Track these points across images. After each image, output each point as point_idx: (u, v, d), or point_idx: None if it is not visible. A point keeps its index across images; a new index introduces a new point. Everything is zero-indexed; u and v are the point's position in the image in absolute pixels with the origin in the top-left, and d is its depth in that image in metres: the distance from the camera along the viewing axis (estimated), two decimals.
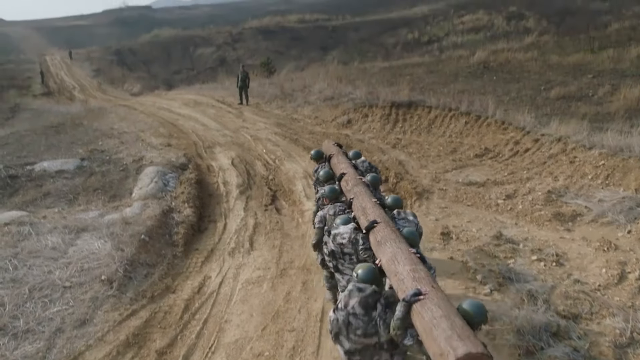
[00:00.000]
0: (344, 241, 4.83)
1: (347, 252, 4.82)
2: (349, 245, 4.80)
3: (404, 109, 14.70)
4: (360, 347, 3.76)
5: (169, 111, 18.30)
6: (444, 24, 56.67)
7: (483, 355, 2.82)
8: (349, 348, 3.80)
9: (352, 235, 4.81)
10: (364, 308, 3.70)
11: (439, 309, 3.16)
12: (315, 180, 7.22)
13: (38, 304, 5.77)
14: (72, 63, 46.86)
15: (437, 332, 3.00)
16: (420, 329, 3.25)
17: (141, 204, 8.42)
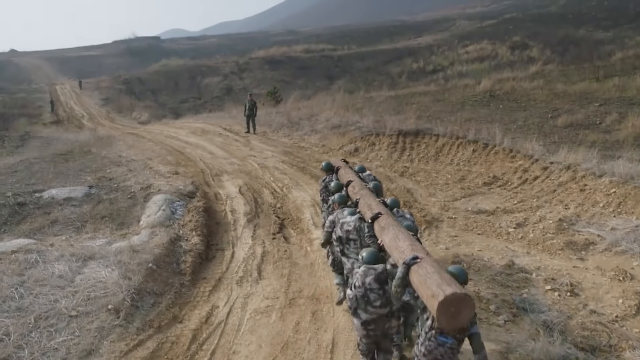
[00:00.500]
0: (349, 228, 5.82)
1: (352, 239, 5.81)
2: (354, 232, 5.78)
3: (411, 137, 14.74)
4: (375, 317, 4.58)
5: (176, 139, 18.42)
6: (448, 54, 57.38)
7: (466, 296, 3.60)
8: (366, 319, 4.61)
9: (357, 224, 5.80)
10: (378, 283, 4.51)
11: (432, 268, 3.98)
12: (324, 190, 8.05)
13: (43, 334, 5.67)
14: (81, 92, 47.57)
15: (430, 282, 3.78)
16: (416, 282, 4.01)
17: (149, 232, 8.37)
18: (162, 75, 54.42)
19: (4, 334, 5.62)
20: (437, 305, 3.57)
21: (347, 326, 6.03)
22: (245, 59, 57.84)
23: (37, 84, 59.55)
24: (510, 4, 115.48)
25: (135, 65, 74.88)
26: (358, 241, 5.72)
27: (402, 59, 61.75)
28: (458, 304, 3.57)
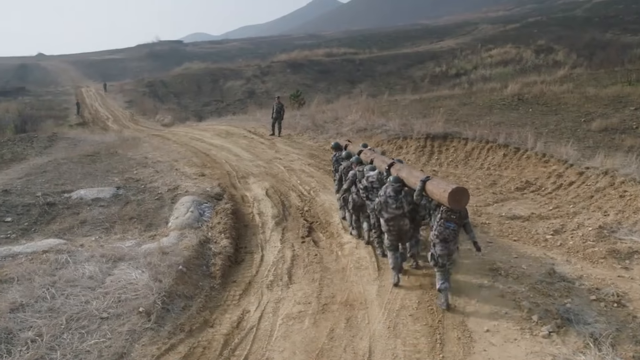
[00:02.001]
0: (373, 180, 7.81)
1: (375, 187, 7.68)
2: (377, 182, 7.74)
3: (439, 141, 14.48)
4: (393, 215, 6.93)
5: (201, 141, 18.43)
6: (471, 58, 56.80)
7: (464, 188, 6.17)
8: (387, 217, 6.98)
9: (378, 176, 7.83)
10: (395, 193, 6.95)
11: (439, 179, 6.64)
12: (335, 163, 9.96)
13: (75, 336, 5.59)
14: (106, 95, 48.29)
15: (440, 185, 6.32)
16: (430, 189, 6.49)
17: (178, 233, 8.29)
18: (184, 78, 54.94)
19: (37, 334, 5.56)
20: (448, 194, 6.06)
21: (384, 334, 5.83)
22: (268, 63, 58.11)
23: (63, 86, 60.68)
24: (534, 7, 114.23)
25: (158, 68, 75.86)
26: (379, 189, 7.41)
27: (424, 62, 61.44)
28: (460, 193, 6.13)
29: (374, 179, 7.78)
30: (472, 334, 5.75)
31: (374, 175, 7.84)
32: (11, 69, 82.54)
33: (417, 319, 6.12)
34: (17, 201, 10.60)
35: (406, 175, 7.23)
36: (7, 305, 6.10)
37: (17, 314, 5.96)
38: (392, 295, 6.75)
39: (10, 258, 7.49)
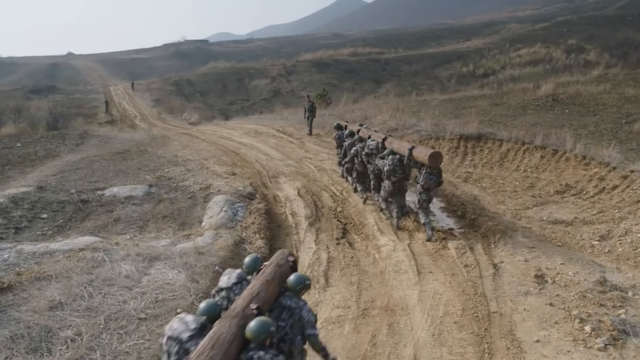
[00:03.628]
0: (373, 147, 10.01)
1: (374, 153, 9.91)
2: (375, 149, 9.92)
3: (472, 142, 14.14)
4: (398, 179, 9.06)
5: (230, 140, 18.39)
6: (499, 57, 55.78)
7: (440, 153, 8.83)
8: (394, 180, 9.07)
9: (376, 145, 9.98)
10: (399, 162, 8.99)
11: (421, 147, 9.36)
12: (337, 139, 12.40)
13: (114, 336, 5.51)
14: (133, 93, 48.79)
15: (423, 151, 8.78)
16: (415, 154, 8.79)
17: (213, 233, 8.19)
18: (210, 77, 55.17)
19: (76, 334, 5.50)
20: (428, 156, 8.45)
21: (428, 342, 5.61)
22: (293, 62, 57.99)
23: (92, 85, 61.63)
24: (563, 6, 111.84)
25: (184, 67, 76.47)
26: (377, 154, 9.77)
27: (450, 62, 60.58)
28: (436, 155, 8.58)
29: (373, 147, 10.06)
30: (522, 344, 5.50)
31: (373, 144, 10.12)
32: (42, 68, 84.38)
33: (463, 327, 5.88)
34: (52, 198, 10.67)
35: (397, 146, 9.58)
36: (46, 303, 6.08)
37: (56, 312, 5.93)
38: (434, 301, 6.53)
39: (47, 255, 7.50)
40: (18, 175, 13.08)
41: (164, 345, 3.60)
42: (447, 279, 7.08)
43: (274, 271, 4.18)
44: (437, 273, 7.33)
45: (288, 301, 4.07)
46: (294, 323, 3.98)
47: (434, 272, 7.38)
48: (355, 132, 11.45)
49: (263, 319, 3.50)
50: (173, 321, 3.68)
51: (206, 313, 3.74)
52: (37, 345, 5.36)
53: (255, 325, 3.43)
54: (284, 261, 4.41)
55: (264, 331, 3.43)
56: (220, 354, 3.12)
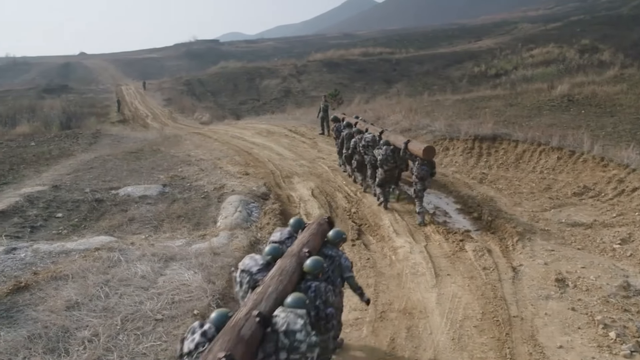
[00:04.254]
0: (369, 139, 10.65)
1: (370, 145, 10.58)
2: (371, 142, 10.57)
3: (487, 143, 13.98)
4: (390, 167, 9.94)
5: (242, 140, 18.37)
6: (512, 57, 55.34)
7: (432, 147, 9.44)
8: (386, 168, 9.94)
9: (372, 138, 10.62)
10: (392, 152, 9.78)
11: (416, 142, 9.97)
12: (336, 131, 13.42)
13: (131, 337, 5.48)
14: (145, 93, 49.00)
15: (418, 145, 9.49)
16: (410, 147, 9.48)
17: (228, 234, 8.14)
18: (221, 77, 55.29)
19: (93, 334, 5.48)
20: (423, 149, 9.11)
21: (449, 346, 5.52)
22: (303, 62, 57.97)
23: (104, 84, 62.01)
24: (576, 6, 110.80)
25: (195, 67, 76.77)
26: (373, 146, 10.49)
27: (462, 62, 60.20)
28: (429, 149, 9.21)
29: (370, 140, 10.66)
30: (544, 350, 5.38)
31: (369, 137, 10.75)
32: (55, 67, 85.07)
33: (483, 331, 5.78)
34: (67, 197, 10.70)
35: (393, 139, 10.16)
36: (63, 302, 6.07)
37: (72, 312, 5.92)
38: (452, 304, 6.43)
39: (63, 255, 7.50)
40: (33, 174, 13.14)
41: (237, 277, 4.63)
42: (465, 282, 6.97)
43: (317, 228, 5.21)
44: (455, 276, 7.22)
45: (329, 251, 5.01)
46: (334, 268, 4.89)
47: (452, 274, 7.28)
48: (352, 123, 12.43)
49: (317, 258, 4.47)
50: (245, 258, 4.73)
51: (271, 254, 4.63)
52: (55, 345, 5.35)
53: (311, 262, 4.38)
54: (323, 221, 5.42)
55: (319, 266, 4.39)
56: (286, 279, 4.08)
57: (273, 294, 3.79)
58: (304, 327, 3.46)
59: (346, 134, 12.18)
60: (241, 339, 3.18)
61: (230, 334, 3.19)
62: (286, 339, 3.37)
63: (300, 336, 3.39)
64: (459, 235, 8.77)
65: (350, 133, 11.97)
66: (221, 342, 3.10)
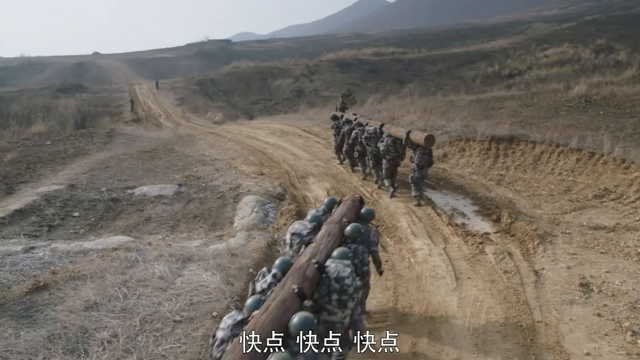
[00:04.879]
0: (371, 131, 11.38)
1: (372, 137, 11.27)
2: (373, 134, 11.28)
3: (504, 144, 13.79)
4: (392, 157, 10.65)
5: (256, 140, 18.35)
6: (525, 57, 54.80)
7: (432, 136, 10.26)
8: (389, 158, 10.65)
9: (374, 130, 11.36)
10: (393, 143, 10.54)
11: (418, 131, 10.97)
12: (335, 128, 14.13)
13: (150, 339, 5.43)
14: (158, 92, 49.19)
15: (418, 134, 10.36)
16: (412, 137, 10.25)
17: (245, 234, 8.09)
18: (233, 76, 55.41)
19: (112, 335, 5.44)
20: (424, 138, 9.97)
21: (472, 352, 5.41)
22: (315, 62, 57.86)
23: (117, 84, 62.35)
24: (591, 5, 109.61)
25: (207, 67, 76.94)
26: (375, 138, 11.25)
27: (475, 62, 59.80)
28: (430, 138, 10.06)
29: (372, 132, 11.41)
30: (571, 357, 5.25)
31: (371, 129, 11.48)
32: (69, 67, 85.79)
33: (507, 337, 5.66)
34: (84, 196, 10.73)
35: (394, 131, 10.98)
36: (82, 303, 6.05)
37: (91, 312, 5.89)
38: (474, 308, 6.31)
39: (81, 254, 7.49)
40: (49, 173, 13.21)
41: (287, 239, 5.45)
42: (486, 286, 6.85)
43: (352, 204, 5.99)
44: (475, 279, 7.10)
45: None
46: (364, 241, 5.38)
47: (472, 278, 7.16)
48: (352, 120, 13.31)
49: (356, 224, 5.28)
50: (295, 224, 5.61)
51: (314, 221, 5.47)
52: (74, 346, 5.32)
53: (351, 228, 5.18)
54: (356, 199, 6.16)
55: (357, 231, 5.21)
56: (332, 240, 4.88)
57: (324, 250, 4.59)
58: (351, 274, 4.14)
59: (347, 130, 13.07)
60: (306, 278, 3.95)
61: (298, 274, 3.97)
62: (337, 283, 4.04)
63: (348, 281, 4.08)
64: (478, 237, 8.63)
65: (351, 128, 12.80)
66: (292, 279, 3.87)
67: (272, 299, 3.56)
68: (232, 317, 3.64)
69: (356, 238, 5.19)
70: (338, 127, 13.92)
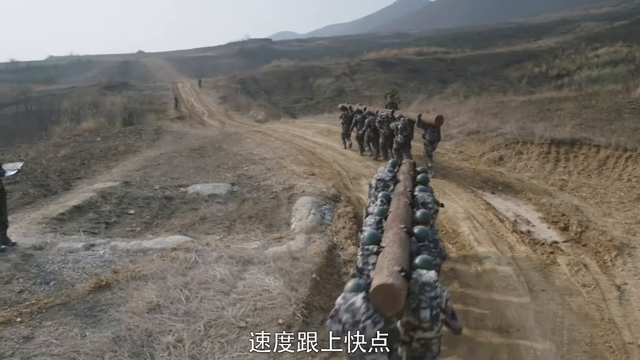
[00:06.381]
0: (383, 116, 13.51)
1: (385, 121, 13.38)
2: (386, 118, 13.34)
3: (565, 147, 13.14)
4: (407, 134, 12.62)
5: (303, 139, 18.17)
6: (575, 57, 52.89)
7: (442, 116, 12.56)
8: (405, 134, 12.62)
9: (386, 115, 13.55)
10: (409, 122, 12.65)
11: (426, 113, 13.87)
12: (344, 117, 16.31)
13: (215, 345, 5.25)
14: (200, 90, 49.83)
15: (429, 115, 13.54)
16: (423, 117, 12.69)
17: (304, 237, 7.85)
18: (275, 75, 55.61)
19: (177, 340, 5.29)
20: (435, 118, 12.32)
21: None
22: (357, 61, 57.51)
23: (160, 82, 63.59)
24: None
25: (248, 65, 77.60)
26: (387, 122, 13.24)
27: (521, 62, 58.15)
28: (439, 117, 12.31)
29: (384, 116, 13.50)
30: None
31: (384, 115, 13.59)
32: (115, 65, 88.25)
33: (595, 358, 5.22)
34: (138, 193, 10.74)
35: (405, 114, 13.16)
36: (145, 304, 5.93)
37: (154, 314, 5.76)
38: (554, 324, 5.88)
39: (141, 253, 7.43)
40: (103, 170, 13.36)
41: (372, 182, 7.34)
42: (564, 300, 6.39)
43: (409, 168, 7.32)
44: (551, 292, 6.65)
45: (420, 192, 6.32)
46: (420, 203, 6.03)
47: (547, 290, 6.71)
48: (361, 109, 15.49)
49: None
50: (379, 171, 7.51)
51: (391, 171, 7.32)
52: (139, 349, 5.19)
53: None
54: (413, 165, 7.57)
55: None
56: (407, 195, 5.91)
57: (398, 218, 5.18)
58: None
59: (359, 117, 15.22)
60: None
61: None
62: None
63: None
64: (547, 246, 8.15)
65: (363, 115, 14.92)
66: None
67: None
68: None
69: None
70: (347, 116, 16.25)
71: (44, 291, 6.40)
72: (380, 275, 3.71)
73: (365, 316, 3.56)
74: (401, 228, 4.73)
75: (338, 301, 3.77)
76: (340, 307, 3.71)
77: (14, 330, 5.54)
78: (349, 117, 16.11)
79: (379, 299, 3.57)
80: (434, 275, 3.99)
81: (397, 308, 3.63)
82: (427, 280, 3.89)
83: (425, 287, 3.85)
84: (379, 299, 3.57)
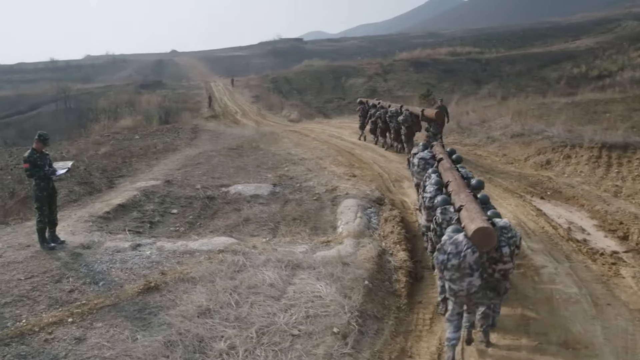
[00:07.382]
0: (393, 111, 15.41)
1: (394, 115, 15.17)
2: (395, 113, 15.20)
3: (617, 152, 12.58)
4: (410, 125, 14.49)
5: (340, 139, 17.98)
6: (617, 58, 51.19)
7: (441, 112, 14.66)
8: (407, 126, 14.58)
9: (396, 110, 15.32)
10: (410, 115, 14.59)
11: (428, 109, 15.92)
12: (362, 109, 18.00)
13: (269, 353, 5.07)
14: (233, 90, 50.06)
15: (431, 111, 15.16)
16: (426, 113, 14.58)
17: (353, 242, 7.63)
18: (307, 75, 55.44)
19: (230, 347, 5.14)
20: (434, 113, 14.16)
21: None
22: (389, 61, 56.88)
23: (194, 81, 64.17)
24: None
25: (279, 65, 77.73)
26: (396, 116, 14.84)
27: (559, 63, 56.54)
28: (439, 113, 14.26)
29: (394, 111, 14.97)
30: None
31: (394, 110, 15.03)
32: (149, 64, 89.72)
33: None
34: (180, 193, 10.71)
35: (412, 109, 14.68)
36: (195, 308, 5.81)
37: (205, 319, 5.64)
38: (625, 342, 5.52)
39: (187, 255, 7.33)
40: (145, 168, 13.43)
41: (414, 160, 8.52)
42: (634, 316, 6.01)
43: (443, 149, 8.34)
44: (618, 306, 6.27)
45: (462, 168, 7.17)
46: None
47: (613, 304, 6.33)
48: (376, 104, 17.07)
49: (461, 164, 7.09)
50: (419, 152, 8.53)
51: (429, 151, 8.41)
52: (191, 355, 5.06)
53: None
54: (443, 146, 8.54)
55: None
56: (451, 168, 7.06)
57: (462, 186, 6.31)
58: None
59: (374, 112, 16.76)
60: None
61: None
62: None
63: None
64: (608, 257, 7.74)
65: (377, 109, 16.61)
66: None
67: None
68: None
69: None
70: (364, 110, 17.79)
71: (94, 291, 6.35)
72: (476, 222, 4.79)
73: (467, 247, 4.72)
74: (469, 192, 5.90)
75: (444, 238, 5.04)
76: (446, 242, 4.93)
77: (66, 330, 5.49)
78: (365, 111, 17.60)
79: (477, 239, 4.70)
80: (507, 221, 5.23)
81: (492, 245, 4.77)
82: (503, 225, 5.07)
83: (503, 230, 4.98)
84: (478, 238, 4.70)
